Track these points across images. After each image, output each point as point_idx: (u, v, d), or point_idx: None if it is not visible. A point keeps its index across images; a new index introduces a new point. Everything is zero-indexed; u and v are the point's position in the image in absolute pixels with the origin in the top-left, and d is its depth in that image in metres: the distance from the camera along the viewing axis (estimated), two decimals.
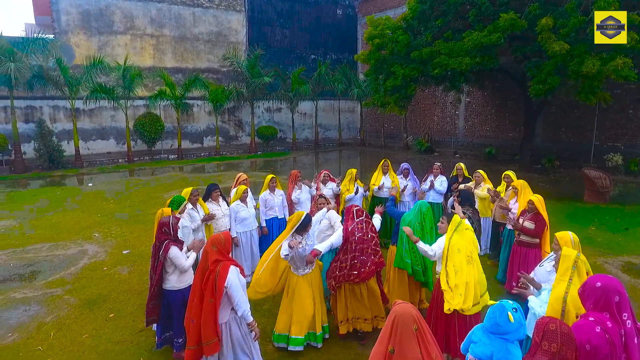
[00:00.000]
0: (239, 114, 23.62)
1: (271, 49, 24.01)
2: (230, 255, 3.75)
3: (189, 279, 4.19)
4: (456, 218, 4.08)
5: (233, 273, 3.51)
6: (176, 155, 19.91)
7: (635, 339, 2.47)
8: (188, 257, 4.15)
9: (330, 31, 26.19)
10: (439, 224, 4.41)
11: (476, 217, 4.92)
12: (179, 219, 4.33)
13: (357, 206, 4.81)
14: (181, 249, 4.08)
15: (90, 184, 14.42)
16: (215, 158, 20.39)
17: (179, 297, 4.11)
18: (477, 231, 4.91)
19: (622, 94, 15.07)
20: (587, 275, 3.02)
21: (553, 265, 3.36)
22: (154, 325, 4.44)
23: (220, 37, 22.52)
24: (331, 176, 7.21)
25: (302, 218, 4.33)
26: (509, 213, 5.85)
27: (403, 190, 7.46)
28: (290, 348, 4.33)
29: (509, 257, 5.79)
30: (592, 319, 2.43)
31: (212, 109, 20.88)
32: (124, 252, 7.66)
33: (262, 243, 6.52)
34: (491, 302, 2.48)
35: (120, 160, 18.75)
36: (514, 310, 2.30)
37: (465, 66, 10.98)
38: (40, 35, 16.69)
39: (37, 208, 10.95)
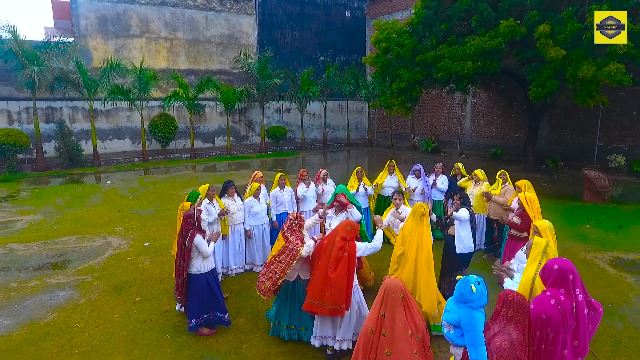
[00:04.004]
0: (249, 115, 24.24)
1: (281, 51, 24.59)
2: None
3: (210, 264, 4.76)
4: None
5: (359, 245, 4.36)
6: (189, 155, 20.59)
7: (586, 310, 2.95)
8: (209, 246, 4.70)
9: (339, 33, 26.68)
10: (397, 201, 5.70)
11: (474, 218, 5.64)
12: (201, 211, 4.88)
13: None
14: (204, 237, 4.64)
15: (108, 182, 15.11)
16: (226, 157, 21.02)
17: (201, 280, 4.66)
18: (474, 233, 5.62)
19: (626, 95, 15.34)
20: None
21: (524, 252, 3.84)
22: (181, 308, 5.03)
23: (232, 39, 23.16)
24: (329, 175, 7.74)
25: None
26: (510, 214, 6.29)
27: (414, 190, 7.93)
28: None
29: None
30: (549, 293, 2.92)
31: (224, 109, 21.52)
32: (145, 244, 8.25)
33: (273, 236, 7.07)
34: (459, 277, 2.97)
35: (135, 159, 19.47)
36: (477, 282, 2.80)
37: (467, 70, 11.40)
38: (60, 39, 17.51)
39: (60, 204, 11.64)
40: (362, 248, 4.39)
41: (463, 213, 5.43)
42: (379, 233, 4.62)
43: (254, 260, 6.83)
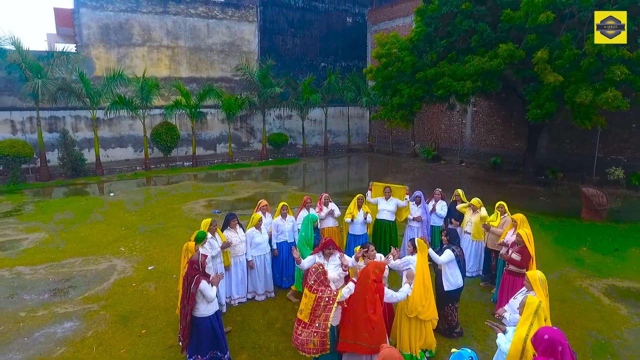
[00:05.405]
0: (250, 122, 24.37)
1: (282, 57, 24.68)
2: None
3: (214, 307, 4.91)
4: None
5: (386, 290, 4.68)
6: (191, 162, 20.73)
7: None
8: (212, 289, 4.85)
9: (340, 39, 26.75)
10: (371, 252, 5.37)
11: (462, 257, 5.75)
12: (206, 256, 5.03)
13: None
14: (208, 282, 4.79)
15: (111, 194, 15.25)
16: (228, 165, 21.16)
17: (206, 323, 4.82)
18: (463, 266, 5.75)
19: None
20: (545, 320, 3.65)
21: (517, 308, 3.99)
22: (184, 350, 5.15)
23: (233, 47, 23.26)
24: (330, 198, 7.91)
25: None
26: (503, 248, 6.42)
27: (414, 219, 8.07)
28: None
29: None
30: None
31: (225, 117, 21.64)
32: (149, 267, 8.40)
33: (274, 265, 7.24)
34: (454, 350, 3.11)
35: (137, 168, 19.62)
36: (470, 358, 2.95)
37: (467, 90, 11.51)
38: (63, 48, 17.69)
39: (65, 220, 11.78)
40: (389, 294, 4.73)
41: (444, 257, 5.60)
42: (406, 287, 4.93)
43: (255, 289, 6.99)
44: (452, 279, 5.67)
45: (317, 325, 4.36)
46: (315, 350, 4.35)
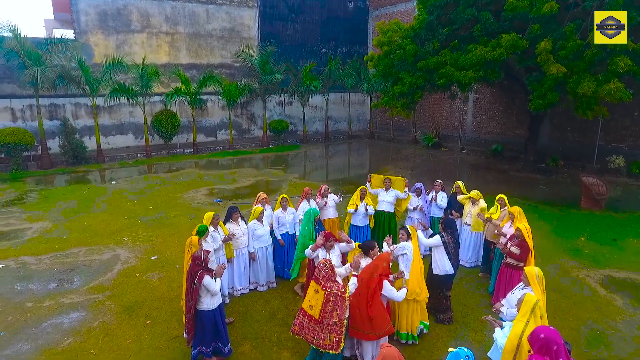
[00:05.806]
0: (251, 108, 24.26)
1: (283, 43, 24.41)
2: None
3: (218, 300, 5.02)
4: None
5: (387, 284, 4.82)
6: (192, 150, 20.74)
7: None
8: (216, 282, 4.94)
9: (341, 24, 26.40)
10: (374, 251, 5.37)
11: (452, 245, 5.85)
12: (208, 252, 5.11)
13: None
14: (212, 277, 4.88)
15: (113, 182, 15.32)
16: (228, 152, 21.16)
17: (210, 316, 4.93)
18: (454, 255, 5.88)
19: None
20: (541, 318, 3.75)
21: (515, 304, 4.08)
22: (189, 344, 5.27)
23: (233, 33, 22.99)
24: (329, 190, 8.02)
25: None
26: (501, 238, 6.51)
27: (414, 209, 8.15)
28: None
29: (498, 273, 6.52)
30: None
31: (226, 103, 21.55)
32: (153, 257, 8.51)
33: (276, 256, 7.34)
34: (451, 349, 3.20)
35: (138, 155, 19.64)
36: (466, 357, 3.05)
37: (469, 79, 11.44)
38: (61, 35, 17.53)
39: (68, 209, 11.88)
40: (389, 288, 4.84)
41: (431, 240, 5.91)
42: (403, 291, 5.07)
43: (258, 280, 7.11)
44: (440, 264, 5.88)
45: (332, 322, 4.46)
46: (331, 346, 4.46)
